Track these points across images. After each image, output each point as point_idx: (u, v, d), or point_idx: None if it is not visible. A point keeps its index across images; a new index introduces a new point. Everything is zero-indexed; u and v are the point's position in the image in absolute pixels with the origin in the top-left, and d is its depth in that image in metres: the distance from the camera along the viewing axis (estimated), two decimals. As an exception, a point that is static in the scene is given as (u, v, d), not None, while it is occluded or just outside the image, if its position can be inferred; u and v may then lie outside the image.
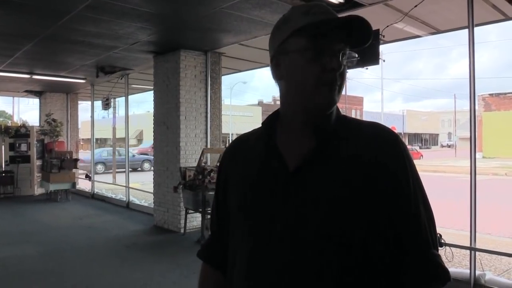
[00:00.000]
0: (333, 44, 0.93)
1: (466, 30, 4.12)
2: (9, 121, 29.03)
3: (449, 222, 6.95)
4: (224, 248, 1.09)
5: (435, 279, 0.92)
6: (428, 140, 63.66)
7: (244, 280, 0.96)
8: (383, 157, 0.92)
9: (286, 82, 0.99)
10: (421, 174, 1.00)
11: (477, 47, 4.06)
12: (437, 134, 64.62)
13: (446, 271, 0.93)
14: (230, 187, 1.07)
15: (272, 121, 1.04)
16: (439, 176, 18.15)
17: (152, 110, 7.70)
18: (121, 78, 9.36)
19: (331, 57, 0.92)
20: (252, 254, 0.96)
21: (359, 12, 4.83)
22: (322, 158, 0.93)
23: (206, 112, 7.22)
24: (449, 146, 53.41)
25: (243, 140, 1.12)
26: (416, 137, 60.33)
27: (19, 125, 12.34)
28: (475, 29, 4.08)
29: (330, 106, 0.96)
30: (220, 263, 1.11)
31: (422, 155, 34.88)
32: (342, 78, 0.95)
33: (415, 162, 1.00)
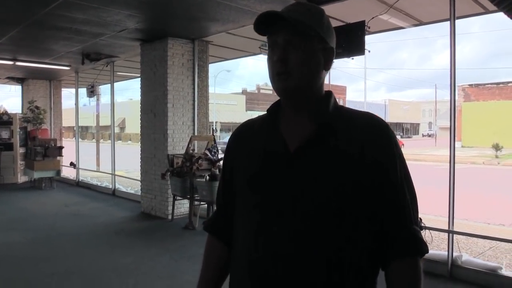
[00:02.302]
0: (274, 38, 1.07)
1: (449, 22, 4.26)
2: (-12, 108, 28.34)
3: (429, 208, 7.19)
4: (229, 222, 1.20)
5: (418, 252, 1.04)
6: (409, 130, 64.66)
7: (253, 251, 1.06)
8: (374, 141, 1.05)
9: None
10: None
11: (460, 38, 4.24)
12: (418, 124, 65.67)
13: (426, 245, 1.06)
14: (237, 168, 1.18)
15: (276, 107, 1.16)
16: (420, 165, 18.56)
17: (134, 98, 7.82)
18: (107, 66, 9.30)
19: (274, 49, 1.07)
20: (260, 226, 1.06)
21: (346, 4, 4.95)
22: (319, 140, 1.05)
23: (194, 100, 7.28)
24: (429, 136, 54.34)
25: (249, 125, 1.23)
26: (397, 126, 61.19)
27: (0, 112, 12.14)
28: (458, 21, 4.26)
29: (285, 91, 1.09)
30: (225, 235, 1.22)
31: (403, 144, 35.44)
32: (289, 65, 1.05)
33: None
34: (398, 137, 42.67)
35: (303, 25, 1.04)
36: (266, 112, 1.18)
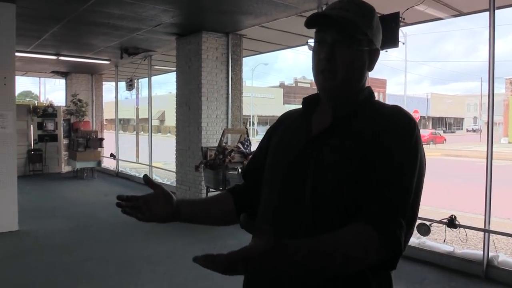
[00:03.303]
0: (323, 35, 1.08)
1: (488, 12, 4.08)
2: (36, 101, 29.82)
3: (468, 207, 6.96)
4: (248, 190, 1.27)
5: (384, 232, 0.92)
6: (452, 124, 62.39)
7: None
8: (389, 130, 1.01)
9: None
10: (443, 158, 1.02)
11: (508, 28, 4.05)
12: (462, 118, 63.22)
13: (397, 242, 0.92)
14: (269, 148, 1.23)
15: (313, 99, 1.19)
16: (461, 161, 17.92)
17: (174, 91, 7.86)
18: (144, 60, 9.54)
19: (322, 47, 1.07)
20: (272, 207, 1.11)
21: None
22: (336, 131, 1.06)
23: (227, 94, 7.34)
24: (474, 131, 52.20)
25: (289, 113, 1.30)
26: (440, 121, 59.20)
27: (46, 105, 12.73)
28: (504, 10, 4.07)
29: (326, 91, 1.11)
30: (239, 198, 1.28)
31: (445, 139, 34.31)
32: (333, 64, 1.06)
33: (438, 146, 1.05)
34: (440, 132, 41.43)
35: (353, 27, 1.04)
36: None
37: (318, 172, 1.03)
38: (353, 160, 1.00)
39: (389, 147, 0.99)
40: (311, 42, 1.12)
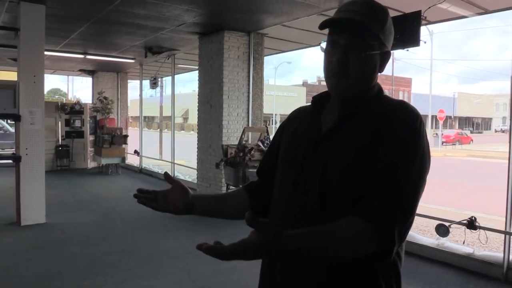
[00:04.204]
0: (336, 38, 1.10)
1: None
2: (64, 99, 30.64)
3: (493, 208, 6.82)
4: (263, 187, 1.31)
5: (377, 225, 0.95)
6: (480, 124, 60.84)
7: (282, 223, 1.13)
8: (391, 124, 1.04)
9: None
10: (469, 159, 1.02)
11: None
12: (491, 118, 61.54)
13: (390, 233, 0.95)
14: (281, 145, 1.28)
15: (322, 98, 1.23)
16: (488, 162, 17.49)
17: (197, 90, 7.98)
18: (168, 58, 9.71)
19: (335, 49, 1.10)
20: (285, 201, 1.15)
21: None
22: (342, 128, 1.10)
23: (248, 92, 7.41)
24: (503, 131, 50.74)
25: (300, 110, 1.33)
26: (467, 121, 57.84)
27: (73, 102, 13.09)
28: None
29: (337, 91, 1.14)
30: (254, 194, 1.33)
31: (472, 140, 33.51)
32: (346, 67, 1.09)
33: (464, 146, 1.04)
34: (467, 132, 40.45)
35: (366, 31, 1.07)
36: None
37: (329, 168, 1.07)
38: (359, 155, 1.04)
39: (388, 142, 1.02)
40: (323, 44, 1.15)
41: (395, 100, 1.14)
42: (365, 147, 1.03)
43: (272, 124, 36.22)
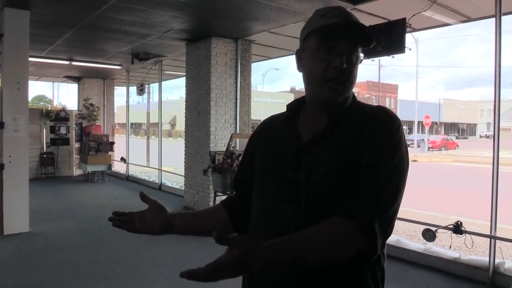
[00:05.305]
0: (337, 45, 1.08)
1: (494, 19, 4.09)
2: (49, 105, 30.28)
3: (478, 213, 6.88)
4: (241, 200, 1.28)
5: (360, 222, 0.96)
6: (465, 130, 61.75)
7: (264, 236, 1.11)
8: (371, 126, 1.06)
9: (304, 76, 1.17)
10: (455, 164, 1.04)
11: None
12: (475, 124, 62.53)
13: (372, 232, 0.96)
14: (256, 156, 1.25)
15: (297, 105, 1.22)
16: (473, 167, 17.73)
17: (184, 96, 7.95)
18: (155, 65, 9.67)
19: (334, 56, 1.07)
20: (266, 211, 1.14)
21: (387, 1, 4.86)
22: (325, 136, 1.10)
23: (236, 99, 7.41)
24: (487, 137, 51.55)
25: (271, 120, 1.31)
26: (452, 127, 58.65)
27: (59, 109, 12.94)
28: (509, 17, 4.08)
29: (332, 100, 1.12)
30: (232, 208, 1.31)
31: (457, 145, 33.96)
32: (346, 75, 1.09)
33: (450, 152, 1.06)
34: (453, 137, 40.99)
35: (371, 39, 1.07)
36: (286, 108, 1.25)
37: (312, 176, 1.06)
38: (342, 160, 1.04)
39: (369, 144, 1.03)
40: (307, 45, 1.12)
41: (372, 105, 1.16)
42: (348, 151, 1.04)
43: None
